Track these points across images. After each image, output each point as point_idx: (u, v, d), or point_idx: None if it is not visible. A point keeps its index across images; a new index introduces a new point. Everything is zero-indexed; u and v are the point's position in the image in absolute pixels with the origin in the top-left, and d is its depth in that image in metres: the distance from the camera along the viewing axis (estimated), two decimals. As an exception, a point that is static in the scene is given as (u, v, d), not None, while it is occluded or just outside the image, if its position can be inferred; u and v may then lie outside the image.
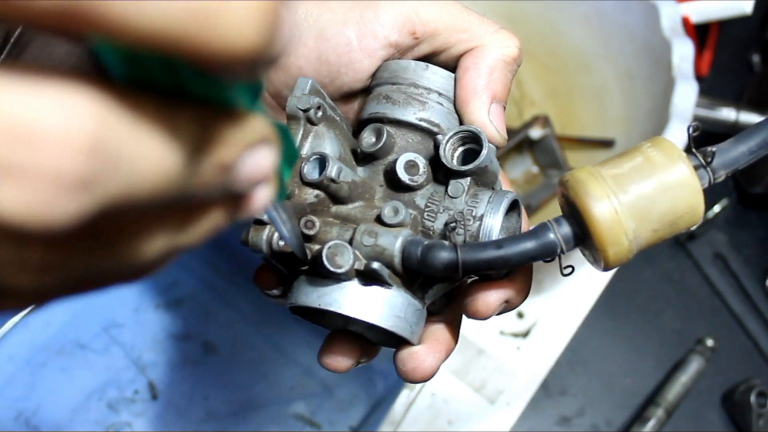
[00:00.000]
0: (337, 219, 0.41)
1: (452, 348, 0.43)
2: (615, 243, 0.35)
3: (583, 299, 0.95)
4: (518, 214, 0.42)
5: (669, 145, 0.37)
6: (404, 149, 0.42)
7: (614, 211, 0.35)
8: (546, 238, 0.36)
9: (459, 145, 0.41)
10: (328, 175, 0.39)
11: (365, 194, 0.41)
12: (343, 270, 0.37)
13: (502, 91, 0.43)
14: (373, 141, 0.42)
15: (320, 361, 0.42)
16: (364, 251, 0.38)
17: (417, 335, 0.40)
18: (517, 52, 0.43)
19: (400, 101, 0.42)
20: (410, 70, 0.43)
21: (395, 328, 0.39)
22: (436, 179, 0.41)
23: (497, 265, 0.36)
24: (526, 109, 1.03)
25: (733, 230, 1.01)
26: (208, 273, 0.93)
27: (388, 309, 0.38)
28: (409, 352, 0.41)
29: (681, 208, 0.35)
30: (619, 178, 0.35)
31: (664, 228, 0.36)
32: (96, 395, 0.87)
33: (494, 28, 0.44)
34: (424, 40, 0.43)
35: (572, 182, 0.36)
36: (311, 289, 0.39)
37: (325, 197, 0.41)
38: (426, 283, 0.40)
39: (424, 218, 0.40)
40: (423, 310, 0.41)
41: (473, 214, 0.39)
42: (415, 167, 0.40)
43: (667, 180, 0.35)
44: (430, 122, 0.42)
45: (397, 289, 0.39)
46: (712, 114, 0.98)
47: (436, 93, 0.43)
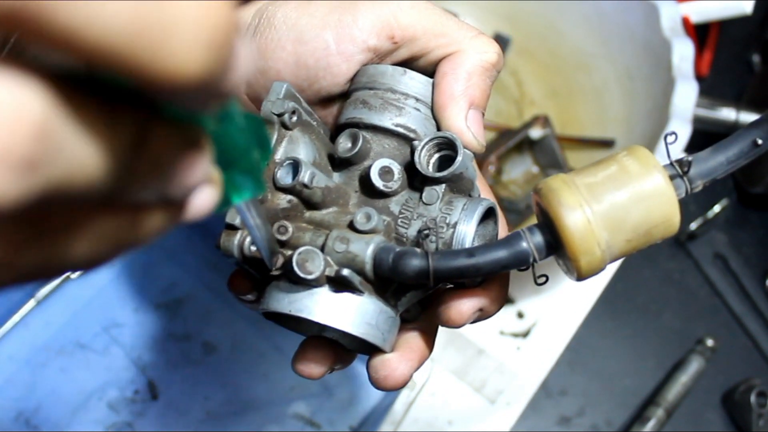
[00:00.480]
0: (311, 224, 0.40)
1: (426, 356, 0.42)
2: (587, 253, 0.34)
3: (583, 299, 0.95)
4: (495, 222, 0.42)
5: (645, 154, 0.36)
6: (380, 155, 0.42)
7: (587, 221, 0.34)
8: (518, 246, 0.36)
9: (435, 151, 0.40)
10: (301, 180, 0.39)
11: (339, 200, 0.41)
12: (313, 276, 0.36)
13: (481, 97, 0.42)
14: (349, 146, 0.42)
15: (294, 367, 0.42)
16: (335, 257, 0.37)
17: (389, 343, 0.40)
18: (495, 57, 0.43)
19: (376, 106, 0.42)
20: (388, 75, 0.42)
21: (366, 336, 0.38)
22: (412, 186, 0.41)
23: (468, 273, 0.35)
24: (526, 109, 1.03)
25: (733, 230, 1.01)
26: (208, 273, 0.93)
27: (359, 316, 0.38)
28: (382, 359, 0.40)
29: (655, 218, 0.35)
30: (592, 187, 0.35)
31: (639, 238, 0.35)
32: (96, 395, 0.87)
33: (473, 34, 0.43)
34: (403, 44, 0.43)
35: (545, 191, 0.36)
36: (282, 295, 0.39)
37: (298, 202, 0.40)
38: (399, 291, 0.40)
39: (398, 225, 0.40)
40: (396, 318, 0.40)
41: (447, 221, 0.39)
42: (390, 173, 0.40)
43: (641, 189, 0.35)
44: (406, 128, 0.42)
45: (369, 296, 0.38)
46: (712, 114, 0.98)
47: (413, 98, 0.42)
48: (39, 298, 0.88)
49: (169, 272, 0.93)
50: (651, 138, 0.81)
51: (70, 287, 0.90)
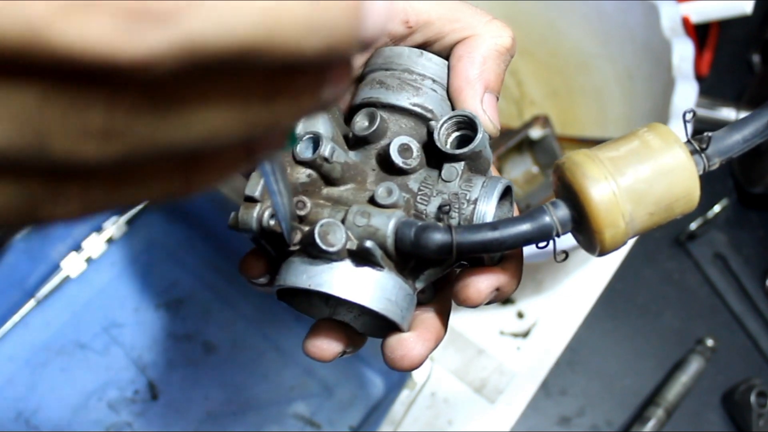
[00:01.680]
0: (329, 201, 0.40)
1: (441, 337, 0.42)
2: (612, 225, 0.34)
3: (583, 299, 0.95)
4: (510, 203, 0.42)
5: (665, 130, 0.36)
6: (397, 134, 0.41)
7: (612, 193, 0.34)
8: (542, 220, 0.36)
9: (453, 130, 0.41)
10: (322, 154, 0.39)
11: (357, 177, 0.41)
12: (335, 249, 0.36)
13: (495, 80, 0.43)
14: (366, 125, 0.41)
15: (305, 348, 0.41)
16: (356, 232, 0.37)
17: (407, 321, 0.40)
18: (510, 41, 0.43)
19: (393, 86, 0.42)
20: (404, 56, 0.42)
21: (386, 312, 0.38)
22: (429, 165, 0.41)
23: (492, 247, 0.35)
24: (526, 109, 1.03)
25: (733, 230, 1.01)
26: (208, 273, 0.93)
27: (379, 291, 0.37)
28: (399, 338, 0.40)
29: (677, 192, 0.35)
30: (616, 161, 0.35)
31: (660, 212, 0.36)
32: (96, 395, 0.87)
33: (487, 18, 0.43)
34: (418, 29, 0.43)
35: (569, 164, 0.36)
36: (301, 270, 0.38)
37: (317, 177, 0.40)
38: (417, 268, 0.39)
39: (417, 202, 0.40)
40: (413, 296, 0.40)
41: (467, 197, 0.39)
42: (409, 150, 0.40)
43: (663, 163, 0.35)
44: (423, 107, 0.42)
45: (389, 272, 0.38)
46: (712, 114, 0.98)
47: (430, 79, 0.42)
48: (39, 298, 0.88)
49: (169, 272, 0.93)
50: (651, 138, 0.81)
51: (70, 287, 0.90)
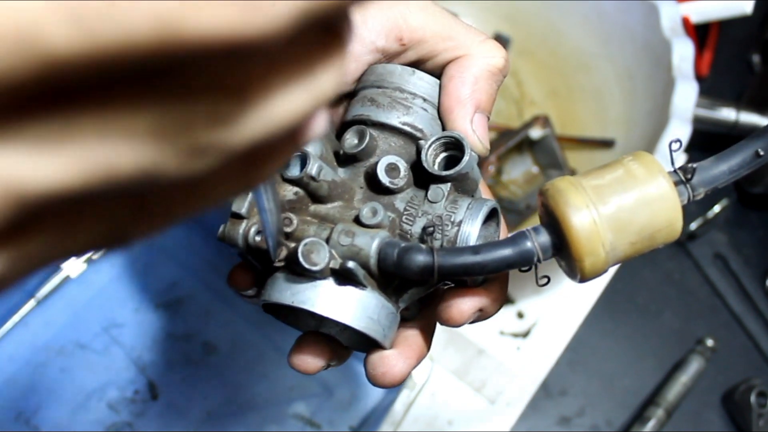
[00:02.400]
0: (316, 218, 0.40)
1: (424, 354, 0.42)
2: (592, 253, 0.35)
3: (583, 299, 0.95)
4: (497, 224, 0.42)
5: (650, 159, 0.37)
6: (386, 152, 0.42)
7: (593, 222, 0.35)
8: (523, 245, 0.36)
9: (441, 150, 0.41)
10: (309, 173, 0.39)
11: (345, 195, 0.41)
12: (318, 268, 0.36)
13: (487, 101, 0.43)
14: (356, 142, 0.42)
15: (290, 361, 0.41)
16: (340, 251, 0.37)
17: (389, 339, 0.40)
18: (503, 62, 0.43)
19: (384, 104, 0.42)
20: (396, 75, 0.43)
21: (367, 330, 0.38)
22: (417, 184, 0.41)
23: (473, 270, 0.35)
24: (526, 109, 1.03)
25: (733, 230, 1.01)
26: (208, 273, 0.93)
27: (361, 310, 0.38)
28: (380, 356, 0.40)
29: (660, 222, 0.35)
30: (599, 189, 0.35)
31: (642, 241, 0.36)
32: (96, 395, 0.87)
33: (481, 38, 0.43)
34: (411, 47, 0.43)
35: (552, 191, 0.36)
36: (285, 287, 0.38)
37: (304, 195, 0.41)
38: (401, 287, 0.40)
39: (403, 221, 0.40)
40: (396, 314, 0.40)
41: (452, 219, 0.39)
42: (396, 170, 0.40)
43: (647, 193, 0.35)
44: (413, 127, 0.42)
45: (372, 290, 0.38)
46: (712, 114, 0.98)
47: (421, 98, 0.43)
48: (39, 298, 0.88)
49: (169, 272, 0.93)
50: (651, 138, 0.81)
51: (70, 287, 0.90)
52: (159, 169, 0.17)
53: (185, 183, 0.18)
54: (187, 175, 0.18)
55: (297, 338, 0.42)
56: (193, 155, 0.17)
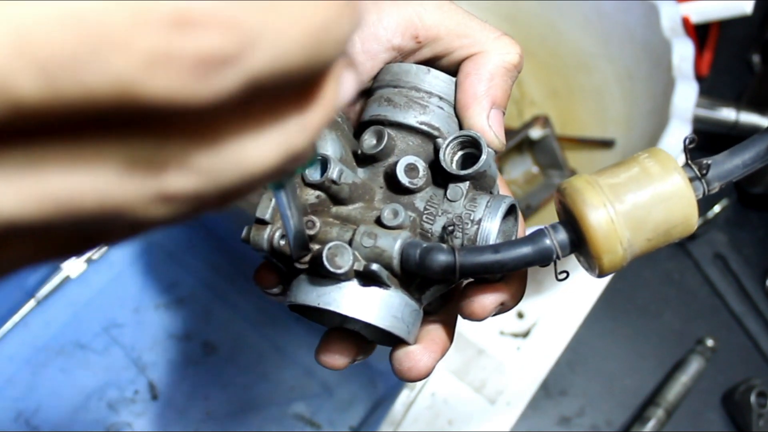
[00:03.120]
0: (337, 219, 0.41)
1: (447, 347, 0.43)
2: (610, 251, 0.35)
3: (583, 299, 0.95)
4: (515, 219, 0.43)
5: (665, 156, 0.37)
6: (404, 152, 0.42)
7: (610, 220, 0.35)
8: (542, 243, 0.37)
9: (458, 149, 0.41)
10: (330, 177, 0.40)
11: (365, 195, 0.42)
12: (342, 271, 0.37)
13: (502, 97, 0.43)
14: (374, 143, 0.42)
15: (318, 358, 0.43)
16: (363, 252, 0.38)
17: (413, 335, 0.41)
18: (517, 58, 0.44)
19: (401, 104, 0.43)
20: (412, 74, 0.43)
21: (392, 329, 0.39)
22: (436, 182, 0.42)
23: (494, 269, 0.36)
24: (526, 109, 1.03)
25: (733, 230, 1.01)
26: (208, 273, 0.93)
27: (385, 309, 0.39)
28: (406, 351, 0.41)
29: (675, 219, 0.36)
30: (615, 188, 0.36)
31: (658, 237, 0.36)
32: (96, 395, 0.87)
33: (496, 35, 0.44)
34: (427, 44, 0.43)
35: (570, 190, 0.37)
36: (311, 288, 0.39)
37: (326, 198, 0.41)
38: (423, 285, 0.41)
39: (423, 221, 0.41)
40: (419, 311, 0.41)
41: (471, 218, 0.40)
42: (415, 170, 0.41)
43: (662, 191, 0.36)
44: (430, 126, 0.43)
45: (395, 290, 0.39)
46: (712, 114, 0.98)
47: (437, 97, 0.43)
48: (39, 298, 0.88)
49: (169, 272, 0.93)
50: (651, 138, 0.81)
51: (70, 287, 0.90)
52: (122, 209, 0.18)
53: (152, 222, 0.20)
54: (153, 217, 0.19)
55: (323, 335, 0.43)
56: (160, 201, 0.19)
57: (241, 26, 0.17)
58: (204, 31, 0.16)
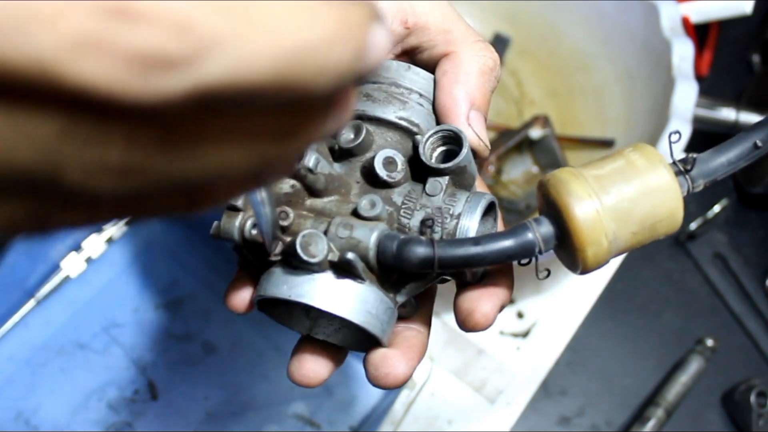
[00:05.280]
0: (312, 212, 0.40)
1: (424, 353, 0.42)
2: (594, 243, 0.35)
3: (583, 299, 0.95)
4: (494, 219, 0.42)
5: (651, 150, 0.37)
6: (382, 147, 0.41)
7: (596, 211, 0.34)
8: (525, 236, 0.35)
9: (439, 144, 0.41)
10: (306, 165, 0.38)
11: (341, 189, 0.41)
12: (316, 260, 0.36)
13: (481, 99, 0.43)
14: (352, 137, 0.41)
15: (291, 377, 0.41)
16: (338, 243, 0.37)
17: (387, 334, 0.39)
18: (491, 63, 0.43)
19: (380, 99, 0.42)
20: (392, 70, 0.43)
21: (366, 324, 0.37)
22: (414, 179, 0.41)
23: (474, 262, 0.35)
24: (526, 109, 1.03)
25: (733, 230, 1.01)
26: (208, 273, 0.93)
27: (360, 304, 0.37)
28: (383, 356, 0.40)
29: (661, 213, 0.35)
30: (601, 179, 0.35)
31: (644, 231, 0.36)
32: (96, 395, 0.87)
33: (474, 38, 0.44)
34: (414, 32, 0.43)
35: (554, 181, 0.36)
36: (282, 280, 0.38)
37: (301, 188, 0.40)
38: (399, 282, 0.39)
39: (401, 215, 0.39)
40: (394, 310, 0.40)
41: (450, 212, 0.39)
42: (394, 164, 0.40)
43: (648, 183, 0.35)
44: (409, 121, 0.42)
45: (370, 284, 0.38)
46: (712, 114, 0.98)
47: (417, 93, 0.43)
48: (39, 298, 0.88)
49: (169, 272, 0.93)
50: (651, 138, 0.81)
51: (70, 287, 0.90)
52: (60, 171, 0.18)
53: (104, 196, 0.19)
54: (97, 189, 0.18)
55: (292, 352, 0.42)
56: (106, 173, 0.18)
57: (195, 30, 0.16)
58: (148, 28, 0.16)
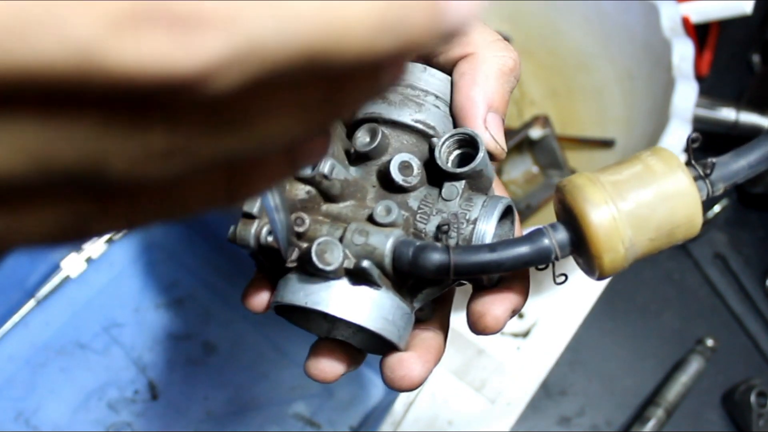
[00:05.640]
0: (328, 217, 0.40)
1: (441, 355, 0.42)
2: (611, 250, 0.34)
3: (583, 299, 0.95)
4: (511, 222, 0.42)
5: (669, 154, 0.36)
6: (398, 150, 0.41)
7: (612, 218, 0.34)
8: (541, 243, 0.35)
9: (454, 148, 0.40)
10: (321, 171, 0.38)
11: (357, 193, 0.40)
12: (332, 267, 0.36)
13: (499, 101, 0.42)
14: (368, 141, 0.41)
15: (307, 371, 0.41)
16: (354, 250, 0.37)
17: (404, 340, 0.39)
18: (512, 63, 0.43)
19: (396, 102, 0.41)
20: (408, 72, 0.42)
21: (382, 331, 0.37)
22: (430, 182, 0.41)
23: (490, 269, 0.35)
24: (526, 109, 1.02)
25: (733, 230, 1.01)
26: (208, 273, 0.93)
27: (376, 310, 0.37)
28: (399, 358, 0.40)
29: (679, 218, 0.35)
30: (618, 185, 0.35)
31: (661, 238, 0.35)
32: (96, 395, 0.87)
33: (493, 38, 0.43)
34: None
35: (570, 187, 0.36)
36: (298, 287, 0.38)
37: (317, 194, 0.40)
38: (415, 287, 0.39)
39: (417, 220, 0.39)
40: (411, 315, 0.40)
41: (467, 217, 0.38)
42: (410, 168, 0.40)
43: (666, 189, 0.35)
44: (425, 124, 0.41)
45: (386, 291, 0.38)
46: (712, 114, 0.98)
47: (432, 95, 0.42)
48: (39, 298, 0.88)
49: (169, 272, 0.93)
50: (651, 138, 0.81)
51: (70, 287, 0.90)
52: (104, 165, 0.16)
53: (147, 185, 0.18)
54: (143, 177, 0.17)
55: (311, 347, 0.42)
56: (151, 159, 0.16)
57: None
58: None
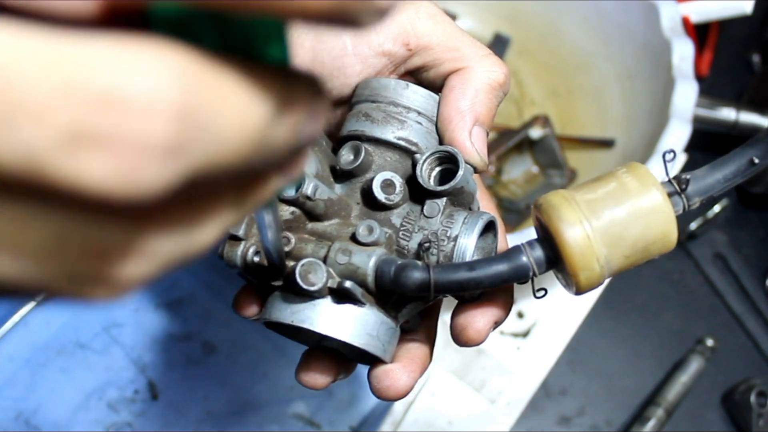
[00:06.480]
0: (313, 236, 0.41)
1: (427, 365, 0.43)
2: (586, 268, 0.35)
3: (583, 299, 0.95)
4: (494, 235, 0.42)
5: (644, 171, 0.37)
6: (382, 167, 0.42)
7: (586, 237, 0.35)
8: (519, 261, 0.36)
9: (436, 165, 0.41)
10: (304, 193, 0.39)
11: (341, 212, 0.41)
12: (315, 288, 0.37)
13: (486, 114, 0.43)
14: (351, 159, 0.42)
15: (298, 378, 0.42)
16: (337, 269, 0.38)
17: (389, 353, 0.41)
18: (503, 78, 0.43)
19: (379, 119, 0.42)
20: (390, 89, 0.43)
21: (367, 347, 0.39)
22: (413, 199, 0.41)
23: (469, 286, 0.36)
24: (526, 109, 1.03)
25: (733, 230, 1.01)
26: (208, 273, 0.93)
27: (360, 327, 0.39)
28: (384, 369, 0.41)
29: (653, 235, 0.36)
30: (592, 204, 0.35)
31: (637, 254, 0.36)
32: (96, 395, 0.87)
33: (484, 52, 0.44)
34: (417, 53, 0.43)
35: (546, 206, 0.36)
36: (285, 306, 0.39)
37: (301, 214, 0.41)
38: (399, 302, 0.40)
39: (399, 237, 0.40)
40: (396, 329, 0.41)
41: (448, 234, 0.39)
42: (392, 186, 0.40)
43: (640, 206, 0.35)
44: (408, 141, 0.42)
45: (370, 307, 0.39)
46: (712, 114, 0.98)
47: (415, 112, 0.43)
48: (39, 298, 0.88)
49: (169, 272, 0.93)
50: (651, 138, 0.81)
51: (70, 287, 0.90)
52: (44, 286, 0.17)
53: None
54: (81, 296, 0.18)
55: (302, 354, 0.43)
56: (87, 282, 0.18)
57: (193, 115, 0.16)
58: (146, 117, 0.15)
